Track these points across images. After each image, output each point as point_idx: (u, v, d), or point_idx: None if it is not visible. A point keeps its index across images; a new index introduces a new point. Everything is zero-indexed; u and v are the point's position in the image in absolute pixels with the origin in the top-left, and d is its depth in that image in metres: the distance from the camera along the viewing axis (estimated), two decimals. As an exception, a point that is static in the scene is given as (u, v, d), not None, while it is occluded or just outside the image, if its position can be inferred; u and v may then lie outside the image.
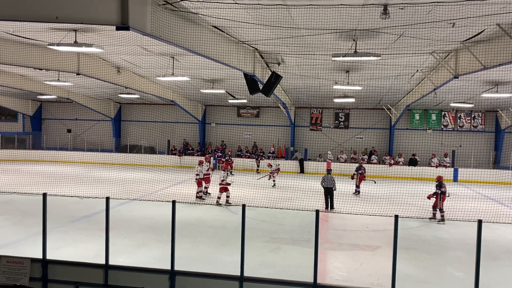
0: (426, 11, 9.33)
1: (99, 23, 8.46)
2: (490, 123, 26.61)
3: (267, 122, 29.13)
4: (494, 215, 13.25)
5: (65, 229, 11.19)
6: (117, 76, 18.97)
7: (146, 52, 15.07)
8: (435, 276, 8.49)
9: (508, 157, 25.26)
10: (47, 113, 32.62)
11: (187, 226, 11.65)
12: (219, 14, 10.24)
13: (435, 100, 22.96)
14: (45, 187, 13.55)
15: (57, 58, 15.38)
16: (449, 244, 10.97)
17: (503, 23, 10.07)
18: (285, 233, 11.42)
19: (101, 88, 23.73)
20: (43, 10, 7.79)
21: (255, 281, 6.46)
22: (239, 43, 13.28)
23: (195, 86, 22.15)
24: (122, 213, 13.16)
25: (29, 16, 7.92)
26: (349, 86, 17.97)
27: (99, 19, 8.08)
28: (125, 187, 16.45)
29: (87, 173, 22.96)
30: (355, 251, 10.09)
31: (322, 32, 11.40)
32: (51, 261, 6.90)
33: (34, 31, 12.59)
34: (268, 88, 13.92)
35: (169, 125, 30.38)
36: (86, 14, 7.84)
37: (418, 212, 14.00)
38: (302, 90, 22.54)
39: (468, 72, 13.05)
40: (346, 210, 13.67)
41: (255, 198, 16.30)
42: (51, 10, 7.75)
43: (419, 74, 17.02)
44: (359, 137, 28.21)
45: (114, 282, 6.72)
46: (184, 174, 23.19)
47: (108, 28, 11.04)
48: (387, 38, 11.80)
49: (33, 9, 7.79)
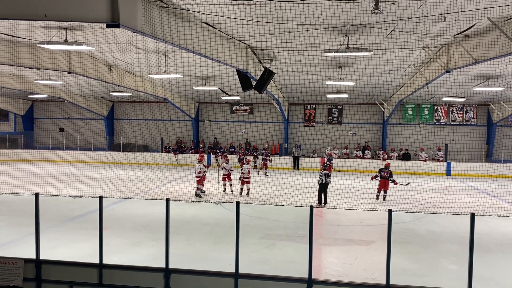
0: (417, 5, 9.36)
1: (89, 21, 8.39)
2: (482, 117, 26.79)
3: (261, 118, 29.10)
4: (487, 208, 13.35)
5: (59, 229, 11.13)
6: (108, 74, 18.85)
7: (137, 50, 14.98)
8: (429, 270, 8.54)
9: (500, 150, 25.46)
10: (39, 112, 32.36)
11: (181, 224, 11.64)
12: (211, 11, 10.20)
13: (428, 95, 23.07)
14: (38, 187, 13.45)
15: (47, 56, 15.24)
16: (442, 237, 11.05)
17: (493, 17, 10.11)
18: (279, 229, 11.44)
19: (93, 86, 23.57)
20: (31, 8, 7.70)
21: (250, 277, 6.46)
22: (231, 40, 13.24)
23: (188, 83, 22.07)
24: (116, 212, 13.11)
25: (17, 14, 7.82)
26: (342, 81, 18.01)
27: (89, 16, 8.00)
28: (118, 186, 16.39)
29: (80, 172, 22.83)
30: (349, 246, 10.14)
31: (314, 28, 11.40)
32: (44, 261, 6.85)
33: (24, 30, 12.46)
34: (261, 84, 13.90)
35: (162, 123, 30.27)
36: (75, 11, 7.76)
37: (411, 206, 14.09)
38: (295, 86, 22.54)
39: (459, 66, 13.11)
40: (340, 205, 13.70)
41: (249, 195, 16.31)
42: (40, 8, 7.66)
43: (411, 69, 17.07)
44: (353, 132, 28.28)
45: (108, 281, 6.70)
46: (178, 172, 23.14)
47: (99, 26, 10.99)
48: (379, 33, 11.81)
49: (21, 7, 7.70)
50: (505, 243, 10.56)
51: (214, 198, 15.48)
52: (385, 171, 16.18)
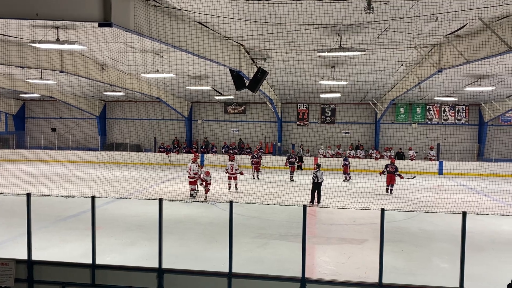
0: (410, 5, 9.41)
1: (81, 20, 8.31)
2: (474, 116, 27.01)
3: (254, 118, 29.10)
4: (478, 207, 13.47)
5: (51, 229, 11.06)
6: (101, 73, 18.75)
7: (130, 49, 14.91)
8: (422, 268, 8.60)
9: (491, 149, 25.68)
10: (31, 112, 32.10)
11: (175, 224, 11.61)
12: (204, 10, 10.17)
13: (420, 94, 23.21)
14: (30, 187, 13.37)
15: (39, 56, 15.12)
16: (434, 236, 11.12)
17: (484, 17, 10.19)
18: (273, 228, 11.45)
19: (85, 85, 23.43)
20: (22, 7, 7.62)
21: (243, 277, 6.47)
22: (224, 39, 13.22)
23: (181, 82, 22.01)
24: (109, 212, 13.05)
25: (8, 13, 7.74)
26: (335, 81, 18.06)
27: (81, 15, 7.94)
28: (111, 186, 16.31)
29: (73, 172, 22.69)
30: (342, 245, 10.17)
31: (307, 28, 11.42)
32: (36, 261, 6.81)
33: (15, 29, 12.35)
34: (254, 84, 13.88)
35: (155, 122, 30.17)
36: (67, 10, 7.70)
37: (404, 205, 14.17)
38: (288, 85, 22.57)
39: (451, 66, 13.21)
40: (333, 204, 13.75)
41: (243, 194, 16.33)
42: (31, 6, 7.59)
43: (403, 68, 17.17)
44: (346, 131, 28.38)
45: (101, 281, 6.67)
46: (171, 172, 23.07)
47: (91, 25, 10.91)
48: (371, 33, 11.86)
49: (12, 6, 7.62)
50: (496, 241, 10.65)
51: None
52: (391, 167, 17.29)
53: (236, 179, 17.36)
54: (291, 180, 20.71)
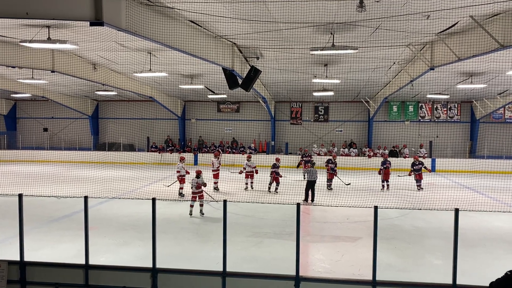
0: (401, 3, 9.46)
1: (72, 19, 8.26)
2: (466, 113, 27.20)
3: (248, 117, 29.08)
4: (471, 204, 13.57)
5: (44, 229, 10.97)
6: (93, 73, 18.64)
7: (122, 48, 14.83)
8: (415, 265, 8.65)
9: (483, 146, 25.88)
10: (22, 112, 31.84)
11: (168, 223, 11.57)
12: (196, 9, 10.14)
13: (412, 92, 23.33)
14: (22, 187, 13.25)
15: (30, 55, 15.01)
16: (427, 233, 11.18)
17: (476, 15, 10.26)
18: (267, 227, 11.45)
19: (77, 85, 23.28)
20: (12, 6, 7.55)
21: (238, 276, 6.46)
22: (217, 38, 13.19)
23: (174, 81, 21.94)
24: (102, 212, 12.98)
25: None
26: (328, 79, 18.10)
27: (72, 14, 7.89)
28: (104, 186, 16.20)
29: (65, 172, 22.54)
30: (336, 242, 10.20)
31: (300, 26, 11.43)
32: (29, 262, 6.76)
33: (5, 28, 12.24)
34: (247, 82, 13.87)
35: (148, 121, 30.05)
36: (58, 9, 7.64)
37: (397, 202, 14.23)
38: (281, 84, 22.57)
39: (443, 63, 13.29)
40: (327, 202, 13.79)
41: (237, 193, 16.31)
42: (21, 5, 7.52)
43: (396, 66, 17.24)
44: (339, 130, 28.45)
45: (95, 282, 6.64)
46: (164, 171, 22.99)
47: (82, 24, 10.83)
48: (364, 31, 11.90)
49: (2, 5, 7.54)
50: (488, 237, 10.73)
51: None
52: (388, 163, 17.68)
53: (217, 177, 17.26)
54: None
